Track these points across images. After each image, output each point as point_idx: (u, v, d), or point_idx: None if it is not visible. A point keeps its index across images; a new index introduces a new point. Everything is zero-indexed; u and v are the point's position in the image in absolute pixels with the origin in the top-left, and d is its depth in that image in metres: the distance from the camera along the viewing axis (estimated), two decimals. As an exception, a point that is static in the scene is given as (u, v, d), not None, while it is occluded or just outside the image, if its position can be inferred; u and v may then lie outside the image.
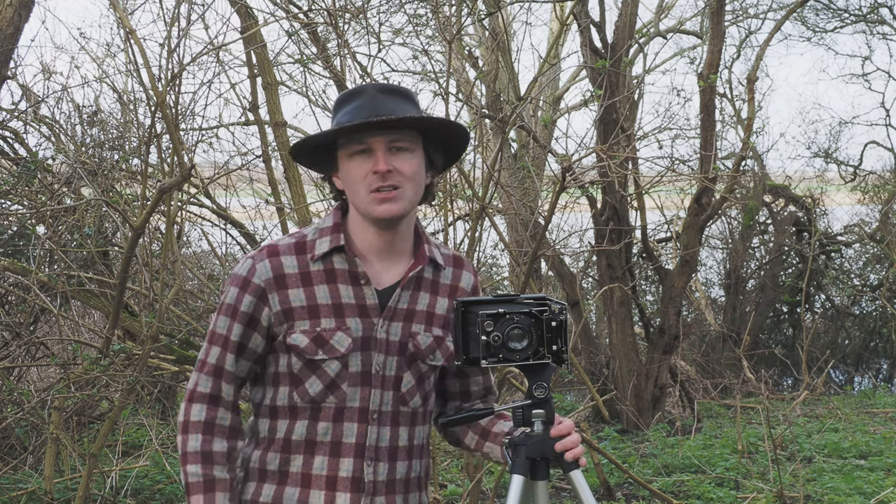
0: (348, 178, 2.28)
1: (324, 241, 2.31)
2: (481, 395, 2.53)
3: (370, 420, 2.29)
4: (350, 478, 2.27)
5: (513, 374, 5.57)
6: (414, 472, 2.37)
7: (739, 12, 13.30)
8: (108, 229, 6.37)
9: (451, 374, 2.49)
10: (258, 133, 6.60)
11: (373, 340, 2.29)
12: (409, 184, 2.27)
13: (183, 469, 2.27)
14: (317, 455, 2.27)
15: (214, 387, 2.29)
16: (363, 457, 2.28)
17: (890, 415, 9.75)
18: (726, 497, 6.56)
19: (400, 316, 2.33)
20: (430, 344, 2.36)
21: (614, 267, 8.93)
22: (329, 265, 2.30)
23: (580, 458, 2.32)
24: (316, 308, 2.27)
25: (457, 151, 2.42)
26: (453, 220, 6.64)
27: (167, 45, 5.02)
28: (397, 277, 2.34)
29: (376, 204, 2.25)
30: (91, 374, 5.42)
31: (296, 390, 2.28)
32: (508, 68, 8.87)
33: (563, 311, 2.31)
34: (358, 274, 2.30)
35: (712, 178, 8.52)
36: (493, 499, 5.63)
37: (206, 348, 2.32)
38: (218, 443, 2.27)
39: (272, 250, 2.31)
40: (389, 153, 2.25)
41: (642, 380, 8.97)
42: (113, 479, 5.97)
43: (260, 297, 2.28)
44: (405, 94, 2.33)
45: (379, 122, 2.22)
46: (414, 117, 2.26)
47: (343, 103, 2.31)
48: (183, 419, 2.29)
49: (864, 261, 13.60)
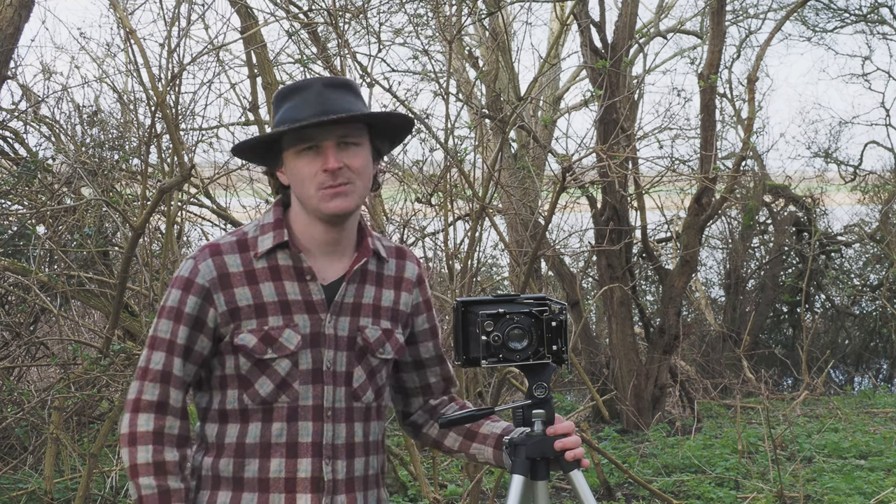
0: (296, 176, 2.23)
1: (266, 237, 2.26)
2: (443, 389, 2.48)
3: (325, 418, 2.23)
4: (309, 478, 2.21)
5: (513, 374, 5.57)
6: (372, 468, 2.32)
7: (739, 12, 13.29)
8: (108, 229, 6.37)
9: (406, 368, 2.44)
10: (258, 133, 6.60)
11: (321, 336, 2.24)
12: (359, 179, 2.24)
13: (134, 482, 2.17)
14: (273, 458, 2.21)
15: (162, 394, 2.20)
16: (321, 455, 2.22)
17: (890, 415, 9.75)
18: (726, 497, 6.56)
19: (347, 310, 2.28)
20: (379, 337, 2.31)
21: (614, 267, 8.93)
22: (273, 262, 2.25)
23: (581, 458, 2.31)
24: (263, 306, 2.22)
25: (400, 138, 2.40)
26: (453, 220, 6.64)
27: (167, 45, 5.03)
28: (342, 272, 2.29)
29: (327, 200, 2.21)
30: (91, 374, 5.42)
31: (245, 392, 2.22)
32: (508, 68, 8.87)
33: (563, 311, 2.31)
34: (303, 269, 2.25)
35: (712, 178, 8.52)
36: (493, 499, 5.63)
37: (148, 355, 2.23)
38: (169, 452, 2.19)
39: (214, 249, 2.25)
40: (338, 149, 2.21)
41: (642, 380, 8.97)
42: (113, 479, 5.96)
43: (205, 298, 2.22)
44: (349, 86, 2.29)
45: (331, 121, 2.18)
46: (366, 114, 2.24)
47: (286, 98, 2.25)
48: (128, 430, 2.19)
49: (864, 261, 13.60)
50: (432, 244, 7.65)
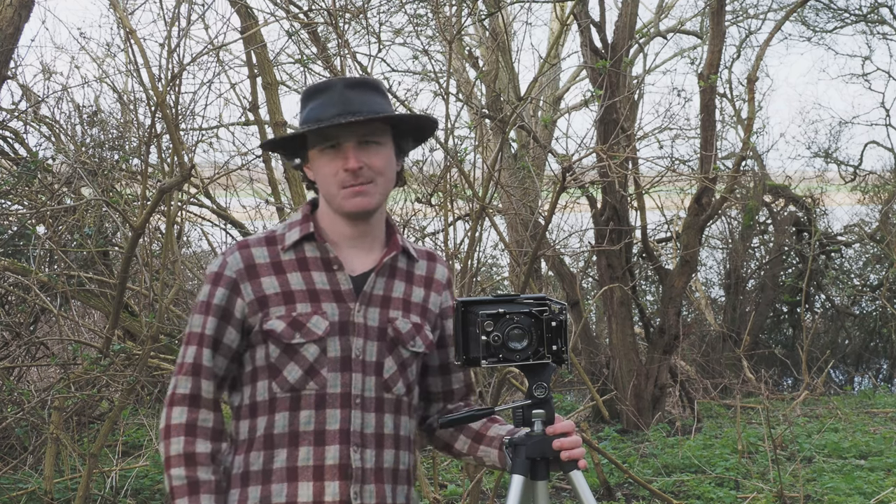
0: (319, 173, 2.29)
1: (293, 231, 2.32)
2: (463, 395, 2.51)
3: (353, 405, 2.24)
4: (337, 465, 2.22)
5: (513, 374, 5.57)
6: (402, 464, 2.33)
7: (739, 12, 13.30)
8: (108, 229, 6.37)
9: (432, 373, 2.46)
10: (258, 133, 6.60)
11: (350, 325, 2.27)
12: (380, 177, 2.28)
13: (167, 474, 2.22)
14: (301, 446, 2.22)
15: (194, 386, 2.25)
16: (349, 443, 2.23)
17: (890, 415, 9.75)
18: (726, 497, 6.56)
19: (376, 301, 2.30)
20: (410, 329, 2.33)
21: (614, 267, 8.93)
22: (300, 254, 2.30)
23: (580, 459, 2.31)
24: (290, 294, 2.26)
25: (425, 137, 2.45)
26: (453, 220, 6.64)
27: (167, 45, 5.02)
28: (371, 265, 2.32)
29: (348, 199, 2.26)
30: (91, 374, 5.42)
31: (275, 380, 2.24)
32: (508, 68, 8.87)
33: (563, 311, 2.31)
34: (330, 260, 2.29)
35: (712, 178, 8.52)
36: (493, 499, 5.62)
37: (183, 351, 2.28)
38: (201, 444, 2.23)
39: (242, 244, 2.32)
40: (359, 148, 2.25)
41: (642, 380, 8.97)
42: (113, 479, 5.97)
43: (232, 289, 2.26)
44: (373, 85, 2.32)
45: (348, 123, 2.22)
46: (384, 116, 2.26)
47: (310, 98, 2.31)
48: (164, 424, 2.25)
49: (864, 261, 13.60)
50: (432, 244, 7.65)
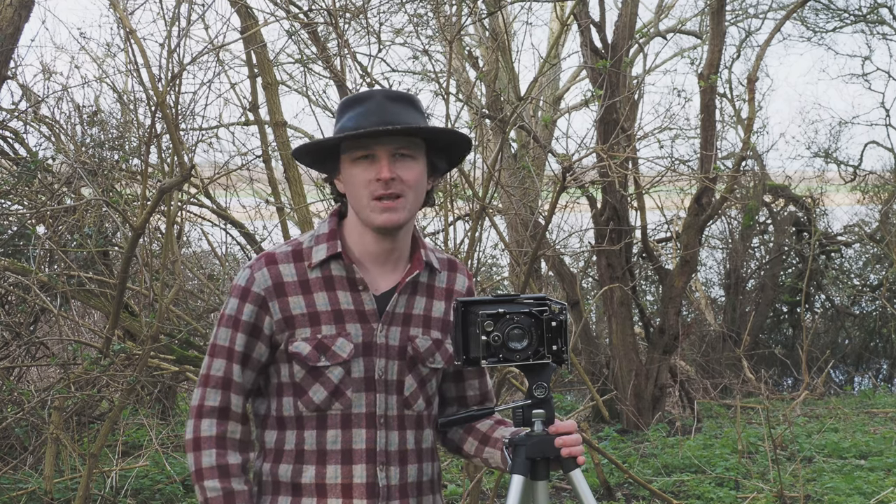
0: (351, 183, 2.29)
1: (320, 248, 2.32)
2: (478, 402, 2.52)
3: (378, 425, 2.29)
4: (365, 484, 2.27)
5: (513, 374, 5.57)
6: (426, 475, 2.37)
7: (739, 12, 13.30)
8: (108, 229, 6.36)
9: (447, 378, 2.49)
10: (258, 133, 6.60)
11: (373, 345, 2.30)
12: (411, 192, 2.28)
13: (199, 486, 2.24)
14: (329, 464, 2.27)
15: (224, 399, 2.27)
16: (375, 462, 2.28)
17: (890, 415, 9.75)
18: (726, 497, 6.56)
19: (398, 320, 2.33)
20: (430, 347, 2.36)
21: (614, 267, 8.93)
22: (327, 272, 2.31)
23: (580, 456, 2.31)
24: (316, 315, 2.28)
25: (459, 157, 2.44)
26: (453, 220, 6.63)
27: (167, 45, 5.02)
28: (394, 282, 2.35)
29: (378, 213, 2.26)
30: (91, 374, 5.42)
31: (300, 399, 2.28)
32: (508, 68, 8.86)
33: (563, 311, 2.31)
34: (356, 280, 2.31)
35: (712, 178, 8.52)
36: (493, 499, 5.62)
37: (209, 362, 2.30)
38: (232, 455, 2.26)
39: (270, 258, 2.32)
40: (393, 160, 2.26)
41: (642, 380, 8.97)
42: (113, 479, 5.96)
43: (261, 306, 2.28)
44: (411, 100, 2.33)
45: (386, 132, 2.23)
46: (422, 128, 2.27)
47: (349, 107, 2.31)
48: (193, 436, 2.27)
49: (864, 261, 13.61)
50: (432, 244, 7.64)
